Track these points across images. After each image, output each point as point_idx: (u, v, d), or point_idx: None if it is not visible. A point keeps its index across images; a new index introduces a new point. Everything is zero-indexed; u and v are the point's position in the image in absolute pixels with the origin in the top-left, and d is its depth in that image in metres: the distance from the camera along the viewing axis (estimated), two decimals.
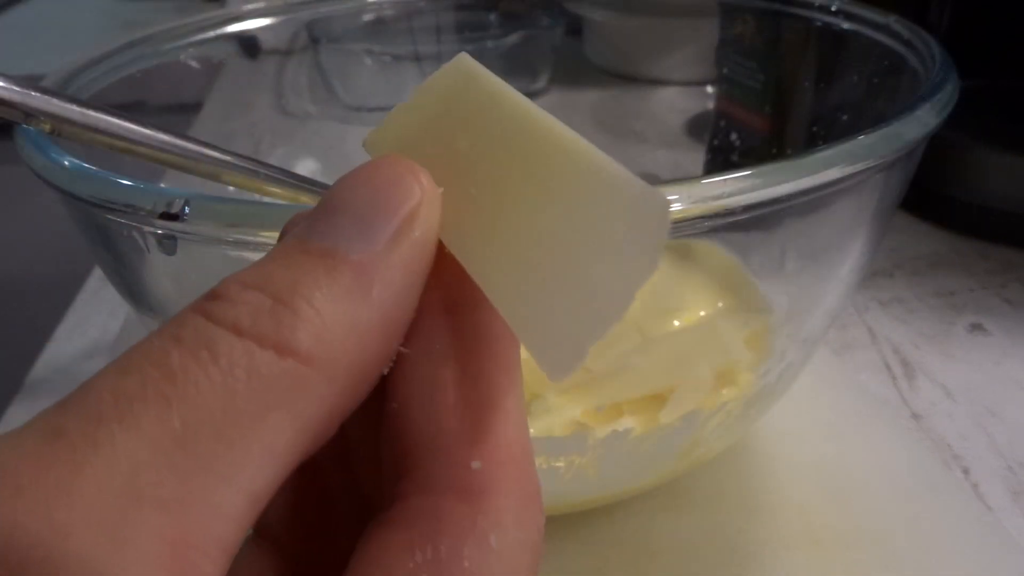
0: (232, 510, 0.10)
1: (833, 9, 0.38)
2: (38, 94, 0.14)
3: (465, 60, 0.15)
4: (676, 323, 0.33)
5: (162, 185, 0.22)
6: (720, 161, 0.51)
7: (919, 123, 0.24)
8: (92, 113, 0.15)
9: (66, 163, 0.23)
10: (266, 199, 0.18)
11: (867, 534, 0.31)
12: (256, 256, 0.13)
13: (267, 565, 0.14)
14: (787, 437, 0.35)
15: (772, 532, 0.31)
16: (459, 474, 0.12)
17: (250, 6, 0.43)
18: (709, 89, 0.53)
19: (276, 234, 0.18)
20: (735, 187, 0.20)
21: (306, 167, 0.49)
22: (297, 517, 0.15)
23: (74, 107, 0.14)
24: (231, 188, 0.19)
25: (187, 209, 0.20)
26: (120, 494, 0.10)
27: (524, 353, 0.14)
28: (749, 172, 0.20)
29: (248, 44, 0.44)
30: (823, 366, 0.39)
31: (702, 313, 0.34)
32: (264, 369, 0.11)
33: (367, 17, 0.51)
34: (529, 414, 0.29)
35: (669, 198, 0.19)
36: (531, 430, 0.28)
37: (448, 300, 0.13)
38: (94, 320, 0.48)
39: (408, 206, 0.13)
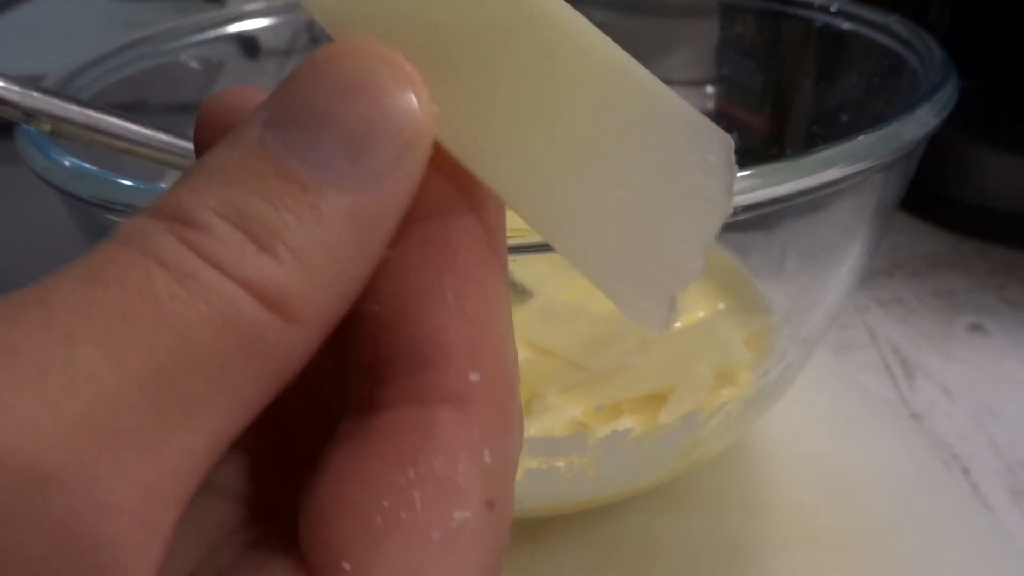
0: (197, 453, 0.10)
1: (833, 9, 0.38)
2: (38, 94, 0.14)
3: None
4: (676, 323, 0.33)
5: (162, 185, 0.22)
6: None
7: (919, 123, 0.24)
8: (92, 113, 0.15)
9: (66, 163, 0.23)
10: None
11: (867, 534, 0.31)
12: None
13: (220, 493, 0.13)
14: (787, 437, 0.35)
15: (772, 532, 0.31)
16: (457, 385, 0.11)
17: (250, 6, 0.43)
18: (709, 89, 0.53)
19: None
20: (735, 187, 0.20)
21: None
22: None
23: (74, 107, 0.14)
24: None
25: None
26: (99, 430, 0.09)
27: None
28: (749, 172, 0.20)
29: (248, 44, 0.44)
30: (823, 366, 0.39)
31: (702, 313, 0.34)
32: (250, 318, 0.10)
33: None
34: (529, 414, 0.29)
35: None
36: (531, 430, 0.29)
37: (440, 200, 0.12)
38: None
39: (408, 132, 0.11)
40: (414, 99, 0.11)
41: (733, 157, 0.12)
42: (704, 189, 0.12)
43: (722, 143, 0.12)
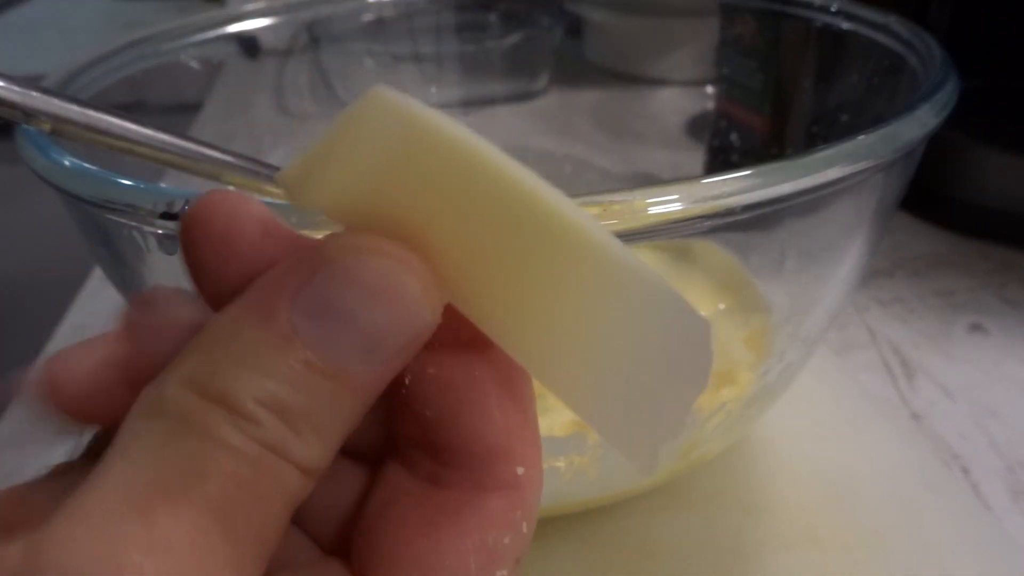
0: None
1: (833, 9, 0.38)
2: (38, 94, 0.14)
3: (391, 101, 0.13)
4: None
5: (162, 185, 0.22)
6: (720, 161, 0.51)
7: (919, 123, 0.24)
8: (92, 113, 0.15)
9: (66, 163, 0.23)
10: (266, 199, 0.18)
11: (867, 534, 0.31)
12: None
13: None
14: (787, 437, 0.35)
15: (772, 532, 0.31)
16: (508, 477, 0.15)
17: (250, 6, 0.43)
18: (709, 89, 0.53)
19: None
20: (735, 187, 0.20)
21: None
22: None
23: (74, 107, 0.14)
24: (231, 188, 0.19)
25: (187, 209, 0.20)
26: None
27: None
28: (749, 172, 0.20)
29: (248, 44, 0.44)
30: (823, 366, 0.39)
31: (702, 313, 0.33)
32: (296, 486, 0.13)
33: (367, 17, 0.51)
34: None
35: (669, 198, 0.20)
36: None
37: (471, 336, 0.15)
38: (94, 320, 0.48)
39: (415, 332, 0.14)
40: (426, 304, 0.13)
41: (711, 340, 0.14)
42: (688, 366, 0.14)
43: (705, 328, 0.14)
